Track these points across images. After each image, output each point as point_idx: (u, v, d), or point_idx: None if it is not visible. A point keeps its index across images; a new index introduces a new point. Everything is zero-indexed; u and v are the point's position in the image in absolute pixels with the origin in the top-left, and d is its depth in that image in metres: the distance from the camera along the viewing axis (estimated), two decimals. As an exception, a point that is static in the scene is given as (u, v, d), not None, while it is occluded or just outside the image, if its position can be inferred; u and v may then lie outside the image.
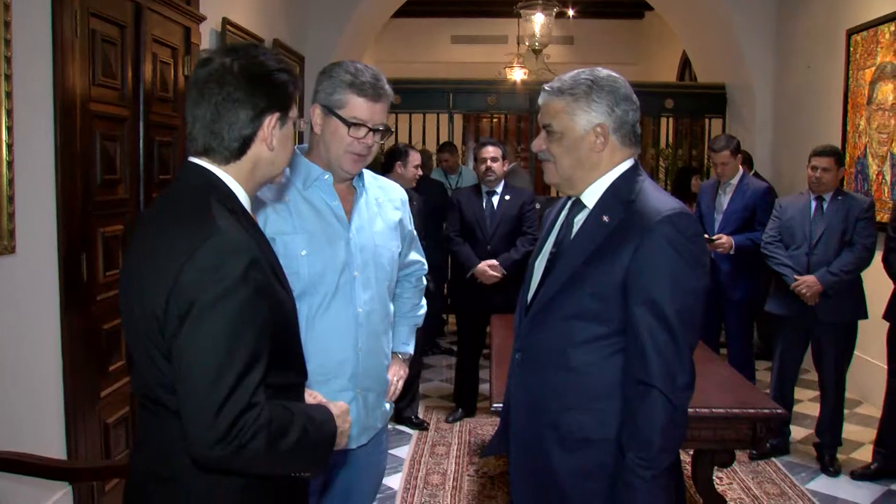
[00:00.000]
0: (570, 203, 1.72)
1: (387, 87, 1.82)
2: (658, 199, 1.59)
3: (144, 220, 1.41)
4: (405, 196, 2.09)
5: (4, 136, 2.37)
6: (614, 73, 1.65)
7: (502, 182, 4.38)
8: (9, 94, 2.37)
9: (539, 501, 1.69)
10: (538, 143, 1.68)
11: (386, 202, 1.99)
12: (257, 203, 1.78)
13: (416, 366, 4.36)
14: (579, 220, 1.66)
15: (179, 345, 1.19)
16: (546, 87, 1.67)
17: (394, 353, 2.07)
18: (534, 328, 1.66)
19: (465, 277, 4.32)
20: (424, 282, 2.22)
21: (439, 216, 4.76)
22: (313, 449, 1.33)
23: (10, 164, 2.39)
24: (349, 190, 1.92)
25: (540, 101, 1.68)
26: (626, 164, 1.65)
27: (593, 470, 1.59)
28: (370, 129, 1.81)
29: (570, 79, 1.63)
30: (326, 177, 1.86)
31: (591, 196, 1.65)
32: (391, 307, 2.01)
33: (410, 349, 2.15)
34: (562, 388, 1.61)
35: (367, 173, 1.98)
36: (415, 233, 2.12)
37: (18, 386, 2.50)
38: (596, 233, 1.59)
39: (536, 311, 1.66)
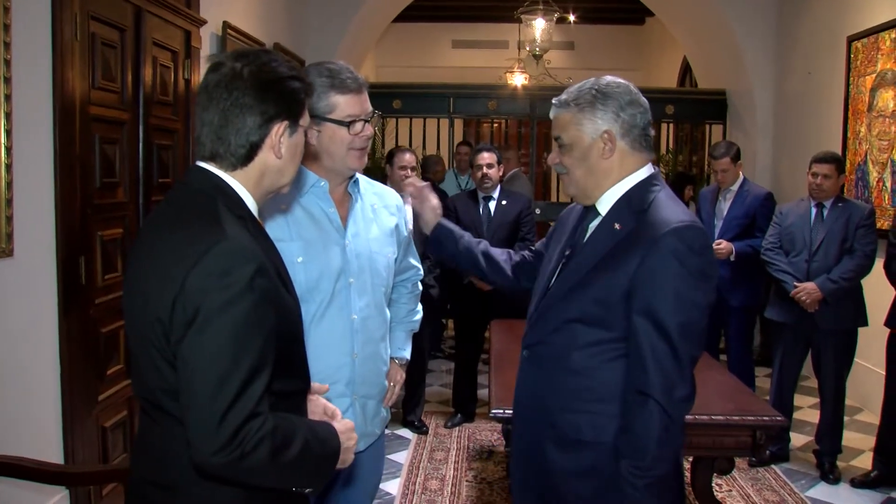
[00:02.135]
0: (585, 208, 1.74)
1: (360, 75, 1.86)
2: (670, 209, 1.59)
3: (149, 224, 1.39)
4: (401, 201, 2.09)
5: (3, 139, 2.36)
6: (619, 79, 1.67)
7: (499, 187, 4.38)
8: (8, 97, 2.37)
9: (537, 499, 1.71)
10: (553, 157, 1.71)
11: (381, 208, 1.99)
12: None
13: (420, 370, 4.37)
14: (592, 226, 1.68)
15: (184, 351, 1.18)
16: (554, 102, 1.69)
17: (391, 359, 2.06)
18: (540, 328, 1.69)
19: (462, 283, 4.32)
20: (420, 287, 2.21)
21: None
22: (316, 463, 1.31)
23: (8, 166, 2.39)
24: (345, 196, 1.92)
25: (550, 115, 1.71)
26: (643, 173, 1.65)
27: (586, 471, 1.61)
28: (365, 121, 1.83)
29: (575, 90, 1.66)
30: (322, 183, 1.86)
31: (605, 203, 1.66)
32: (388, 313, 2.00)
33: (407, 354, 2.15)
34: (561, 389, 1.63)
35: (363, 179, 1.98)
36: (411, 238, 2.11)
37: (16, 389, 2.50)
38: (606, 240, 1.61)
39: (543, 312, 1.68)
